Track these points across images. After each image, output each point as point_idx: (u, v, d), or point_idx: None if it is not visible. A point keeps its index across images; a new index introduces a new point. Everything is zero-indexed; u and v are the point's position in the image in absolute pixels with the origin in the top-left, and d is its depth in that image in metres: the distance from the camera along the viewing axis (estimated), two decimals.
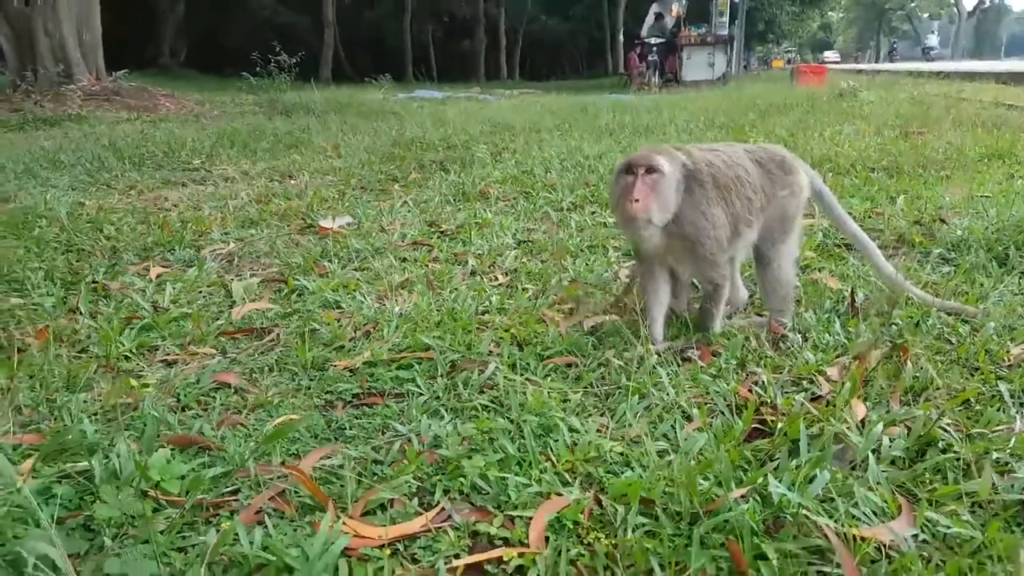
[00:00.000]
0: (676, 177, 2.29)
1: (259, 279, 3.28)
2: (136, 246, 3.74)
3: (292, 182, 5.81)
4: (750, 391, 2.04)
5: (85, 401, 2.06)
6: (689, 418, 1.94)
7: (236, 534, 1.44)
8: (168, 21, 32.09)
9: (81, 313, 2.77)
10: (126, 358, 2.42)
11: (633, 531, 1.46)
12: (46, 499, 1.54)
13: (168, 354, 2.48)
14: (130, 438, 1.82)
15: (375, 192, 5.43)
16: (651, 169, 2.23)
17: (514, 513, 1.56)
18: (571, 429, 1.87)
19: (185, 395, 2.14)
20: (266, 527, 1.49)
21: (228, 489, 1.67)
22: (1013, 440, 1.68)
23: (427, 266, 3.47)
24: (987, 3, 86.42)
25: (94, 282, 3.14)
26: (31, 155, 6.63)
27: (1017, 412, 1.83)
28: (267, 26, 31.34)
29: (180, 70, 29.46)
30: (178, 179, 5.94)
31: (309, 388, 2.20)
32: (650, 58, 23.50)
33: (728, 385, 2.06)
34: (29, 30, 13.17)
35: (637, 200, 2.19)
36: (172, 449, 1.80)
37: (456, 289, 3.05)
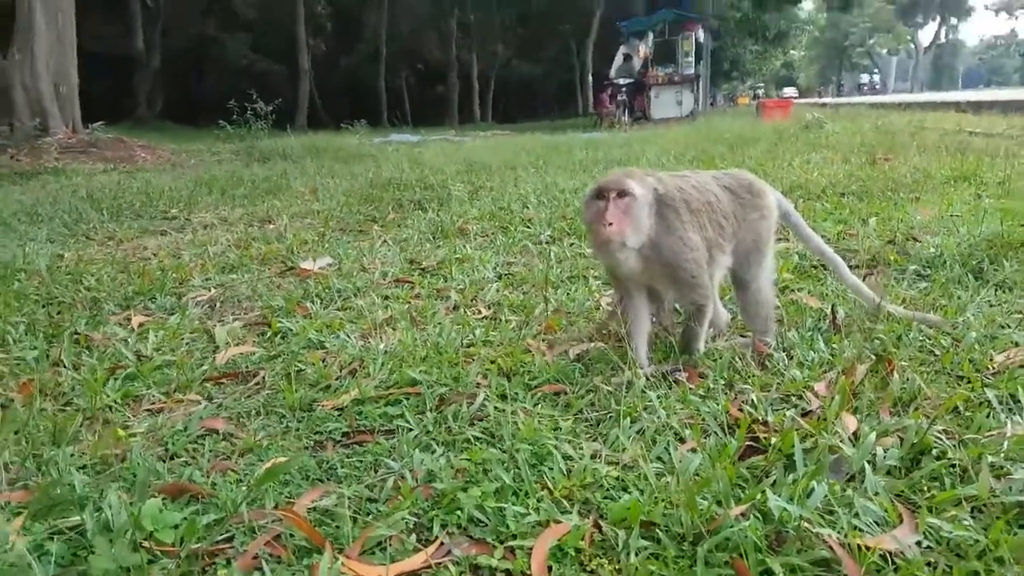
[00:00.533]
0: (648, 200, 2.30)
1: (242, 323, 3.25)
2: (117, 296, 3.70)
3: (271, 226, 5.80)
4: (740, 410, 2.04)
5: (72, 454, 2.00)
6: (682, 439, 1.93)
7: None
8: (144, 74, 32.19)
9: (64, 365, 2.71)
10: (111, 409, 2.37)
11: (636, 555, 1.45)
12: (39, 556, 1.49)
13: (154, 403, 2.43)
14: (120, 489, 1.76)
15: (354, 233, 5.43)
16: (622, 193, 2.24)
17: (514, 543, 1.53)
18: (565, 456, 1.86)
19: (173, 443, 2.10)
20: (263, 573, 1.46)
21: (222, 536, 1.63)
22: (1006, 444, 1.70)
23: (409, 302, 3.46)
24: (943, 39, 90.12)
25: (76, 333, 3.09)
26: (8, 209, 6.56)
27: (1007, 417, 1.85)
28: (243, 75, 31.49)
29: (156, 122, 29.48)
30: (157, 228, 5.90)
31: (298, 429, 2.17)
32: (619, 98, 24.08)
33: (718, 405, 2.06)
34: (6, 84, 13.16)
35: (611, 224, 2.18)
36: (164, 498, 1.75)
37: (440, 323, 3.04)
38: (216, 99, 14.68)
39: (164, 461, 1.99)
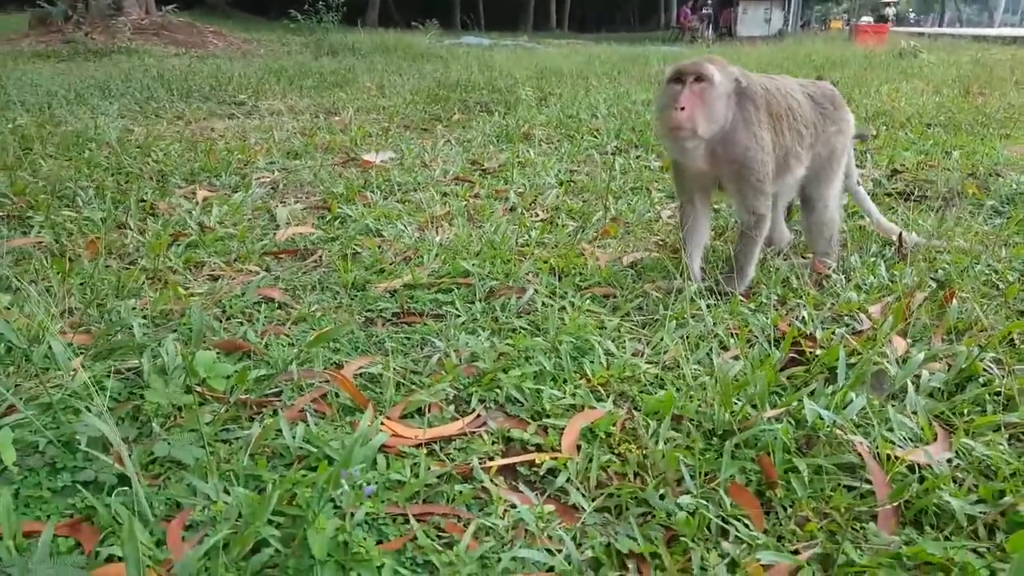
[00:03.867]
0: (727, 89, 2.14)
1: (303, 206, 3.33)
2: (183, 171, 3.82)
3: (336, 118, 5.83)
4: (789, 325, 2.02)
5: (133, 308, 2.12)
6: (726, 347, 1.94)
7: (279, 429, 1.50)
8: None
9: (130, 228, 2.84)
10: (173, 271, 2.49)
11: (664, 443, 1.48)
12: (97, 390, 1.60)
13: (214, 269, 2.54)
14: (177, 340, 1.88)
15: (418, 130, 5.42)
16: (700, 77, 2.09)
17: (548, 422, 1.59)
18: (607, 352, 1.89)
19: (231, 306, 2.20)
20: (308, 424, 1.55)
21: (272, 391, 1.73)
22: None
23: (468, 201, 3.47)
24: None
25: (142, 201, 3.22)
26: (82, 83, 6.76)
27: None
28: None
29: (228, 9, 29.45)
30: (225, 111, 6.00)
31: (350, 306, 2.25)
32: (704, 11, 22.87)
33: (767, 319, 2.04)
34: None
35: (682, 108, 2.05)
36: (218, 352, 1.86)
37: (496, 223, 3.05)
38: None
39: (220, 321, 2.10)
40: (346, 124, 5.45)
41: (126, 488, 1.28)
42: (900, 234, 2.58)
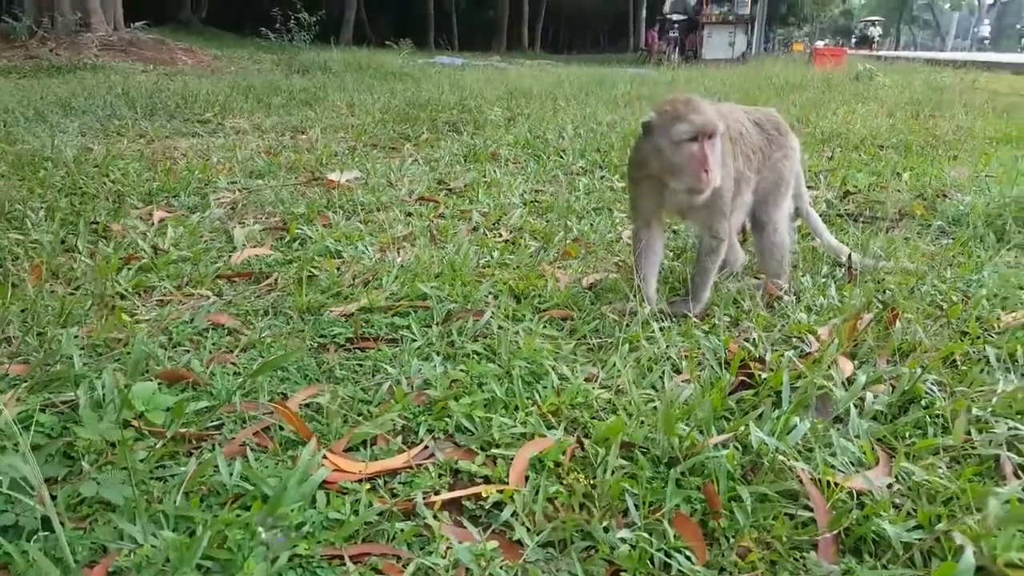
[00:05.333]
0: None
1: (262, 227, 3.29)
2: (141, 191, 3.75)
3: (303, 136, 5.80)
4: (740, 347, 2.03)
5: (76, 336, 2.06)
6: (678, 370, 1.94)
7: (216, 465, 1.46)
8: None
9: (79, 252, 2.78)
10: (121, 296, 2.43)
11: (612, 472, 1.47)
12: (27, 426, 1.53)
13: (164, 294, 2.49)
14: (118, 370, 1.82)
15: (386, 149, 5.41)
16: (712, 135, 2.09)
17: (496, 452, 1.57)
18: (561, 376, 1.88)
19: (178, 333, 2.15)
20: (247, 460, 1.51)
21: (213, 424, 1.69)
22: (995, 399, 1.67)
23: (432, 221, 3.46)
24: None
25: (95, 223, 3.15)
26: (43, 100, 6.64)
27: (1002, 374, 1.82)
28: None
29: (201, 26, 29.26)
30: (189, 129, 5.93)
31: (302, 331, 2.21)
32: (671, 34, 23.30)
33: (719, 340, 2.05)
34: None
35: (710, 171, 2.04)
36: (160, 383, 1.81)
37: (459, 243, 3.04)
38: (263, 8, 14.46)
39: (166, 349, 2.05)
40: (312, 143, 5.42)
41: (49, 532, 1.23)
42: (849, 255, 2.62)
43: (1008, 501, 1.28)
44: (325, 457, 1.51)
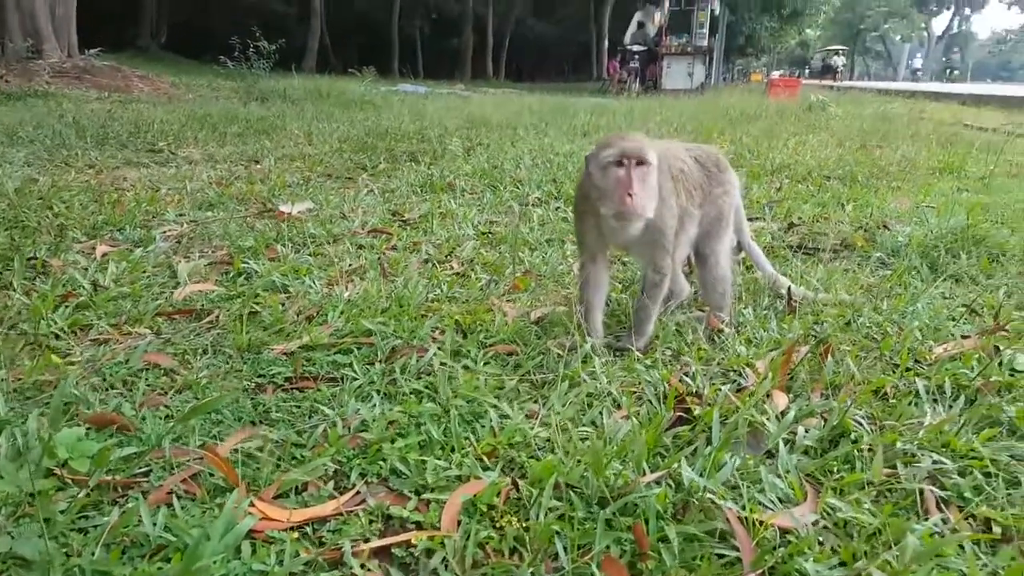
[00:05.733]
0: (657, 169, 2.20)
1: (208, 261, 3.23)
2: (85, 224, 3.67)
3: (257, 167, 5.75)
4: (681, 381, 2.05)
5: (4, 379, 1.99)
6: (619, 406, 1.94)
7: (139, 514, 1.41)
8: (150, 2, 31.58)
9: (14, 289, 2.70)
10: (56, 336, 2.36)
11: (546, 514, 1.46)
12: None
13: (101, 333, 2.42)
14: (44, 415, 1.77)
15: (342, 179, 5.39)
16: (642, 161, 2.12)
17: (430, 496, 1.55)
18: (502, 415, 1.87)
19: (111, 374, 2.09)
20: (173, 508, 1.47)
21: (141, 470, 1.64)
22: (922, 432, 1.71)
23: (383, 253, 3.45)
24: (955, 29, 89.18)
25: (33, 258, 3.07)
26: None
27: (930, 407, 1.86)
28: (252, 13, 30.87)
29: (159, 53, 29.00)
30: (140, 160, 5.84)
31: (241, 371, 2.17)
32: (632, 65, 23.78)
33: (660, 375, 2.07)
34: None
35: (634, 195, 2.07)
36: (88, 428, 1.76)
37: (409, 276, 3.03)
38: (223, 35, 14.36)
39: (98, 391, 1.99)
40: (266, 173, 5.38)
41: None
42: (789, 288, 2.68)
43: (931, 534, 1.30)
44: (253, 504, 1.48)
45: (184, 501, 1.51)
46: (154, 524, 1.39)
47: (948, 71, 49.21)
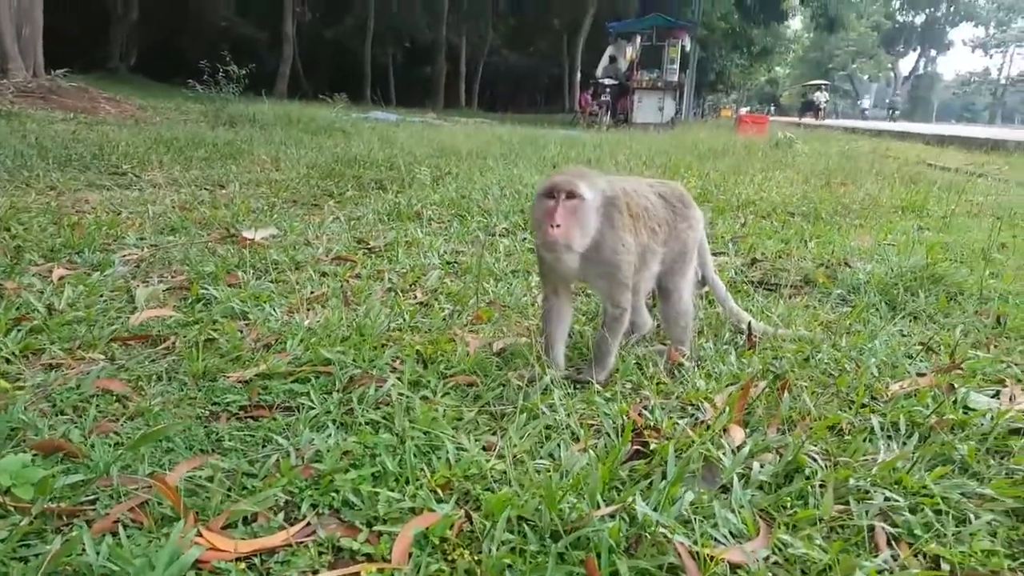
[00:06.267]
0: (596, 204, 2.26)
1: (167, 286, 3.18)
2: (43, 247, 3.60)
3: (223, 191, 5.70)
4: (640, 415, 2.06)
5: None
6: (577, 439, 1.94)
7: (83, 543, 1.37)
8: (121, 24, 31.39)
9: None
10: (7, 360, 2.30)
11: (498, 547, 1.45)
12: None
13: (53, 358, 2.37)
14: None
15: (308, 206, 5.37)
16: (572, 195, 2.18)
17: (382, 528, 1.53)
18: (459, 447, 1.86)
19: (62, 400, 2.04)
20: (118, 537, 1.43)
21: (88, 498, 1.59)
22: (875, 468, 1.73)
23: (346, 282, 3.42)
24: (921, 71, 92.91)
25: None
26: None
27: (884, 443, 1.89)
28: (224, 37, 30.83)
29: (128, 75, 28.77)
30: (103, 182, 5.75)
31: (195, 399, 2.13)
32: (603, 98, 24.15)
33: (618, 408, 2.07)
34: None
35: (557, 226, 2.13)
36: (35, 455, 1.71)
37: (371, 305, 3.01)
38: (193, 58, 14.28)
39: (47, 417, 1.94)
40: (231, 198, 5.33)
41: None
42: (749, 323, 2.72)
43: (880, 571, 1.32)
44: (200, 534, 1.44)
45: (131, 530, 1.47)
46: (97, 553, 1.36)
47: (891, 112, 51.01)
